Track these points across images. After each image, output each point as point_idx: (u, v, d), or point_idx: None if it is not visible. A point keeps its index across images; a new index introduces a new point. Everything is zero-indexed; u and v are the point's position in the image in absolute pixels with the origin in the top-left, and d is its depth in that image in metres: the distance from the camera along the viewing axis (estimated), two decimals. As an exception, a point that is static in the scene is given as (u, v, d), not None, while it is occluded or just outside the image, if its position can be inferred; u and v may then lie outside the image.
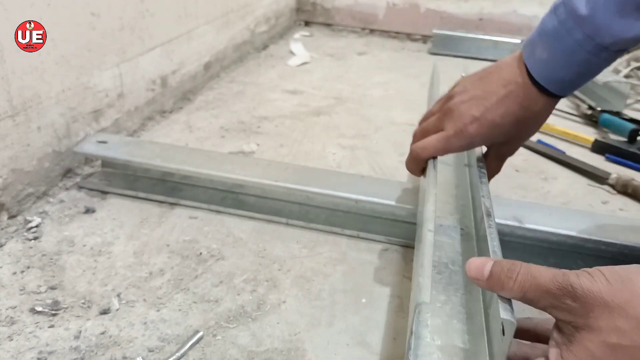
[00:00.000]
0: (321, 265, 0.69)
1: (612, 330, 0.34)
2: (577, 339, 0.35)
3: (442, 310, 0.49)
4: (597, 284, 0.35)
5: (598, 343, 0.34)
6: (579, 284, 0.35)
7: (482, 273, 0.40)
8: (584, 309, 0.35)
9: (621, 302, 0.34)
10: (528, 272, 0.38)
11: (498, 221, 0.64)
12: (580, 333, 0.35)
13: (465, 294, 0.51)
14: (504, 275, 0.39)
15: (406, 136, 1.10)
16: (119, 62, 0.95)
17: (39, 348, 0.54)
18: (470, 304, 0.50)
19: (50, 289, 0.62)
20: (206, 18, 1.27)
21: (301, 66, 1.53)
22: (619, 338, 0.33)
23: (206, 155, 0.82)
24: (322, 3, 1.99)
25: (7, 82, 0.70)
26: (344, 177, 0.81)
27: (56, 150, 0.81)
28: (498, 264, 0.40)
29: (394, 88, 1.39)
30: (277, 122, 1.13)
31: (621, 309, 0.33)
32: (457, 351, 0.45)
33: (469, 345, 0.45)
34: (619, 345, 0.33)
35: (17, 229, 0.72)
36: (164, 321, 0.58)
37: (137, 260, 0.68)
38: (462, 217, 0.66)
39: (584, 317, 0.35)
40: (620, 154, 1.04)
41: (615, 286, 0.34)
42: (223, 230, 0.75)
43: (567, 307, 0.36)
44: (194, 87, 1.27)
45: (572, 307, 0.35)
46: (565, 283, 0.36)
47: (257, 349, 0.55)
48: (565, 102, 1.36)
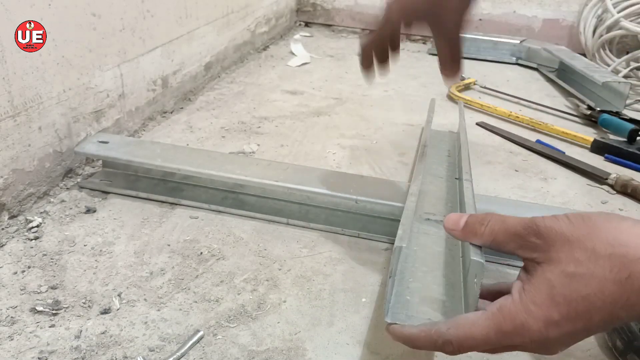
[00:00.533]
0: (321, 264, 0.69)
1: (570, 260, 0.36)
2: (537, 271, 0.38)
3: (424, 278, 0.53)
4: (560, 222, 0.38)
5: (557, 273, 0.36)
6: (542, 223, 0.39)
7: (458, 224, 0.44)
8: (546, 244, 0.38)
9: (579, 236, 0.36)
10: (499, 218, 0.42)
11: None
12: (542, 266, 0.38)
13: (446, 268, 0.55)
14: (478, 223, 0.43)
15: (406, 136, 1.10)
16: (120, 62, 0.95)
17: (40, 348, 0.54)
18: (451, 276, 0.54)
19: (51, 289, 0.62)
20: (207, 19, 1.28)
21: (301, 67, 1.53)
22: (576, 267, 0.36)
23: (207, 156, 0.82)
24: (322, 4, 2.00)
25: (7, 82, 0.70)
26: (344, 177, 0.81)
27: (57, 150, 0.82)
28: (473, 215, 0.44)
29: (394, 88, 1.39)
30: (278, 122, 1.13)
31: (579, 242, 0.36)
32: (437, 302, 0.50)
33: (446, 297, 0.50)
34: (576, 273, 0.36)
35: (18, 229, 0.72)
36: (164, 320, 0.58)
37: (138, 260, 0.68)
38: (449, 213, 0.68)
39: (546, 251, 0.38)
40: (620, 154, 1.05)
41: (575, 224, 0.37)
42: (224, 230, 0.75)
43: (532, 245, 0.39)
44: (195, 88, 1.27)
45: (536, 244, 0.38)
46: (530, 223, 0.39)
47: (257, 349, 0.55)
48: (565, 102, 1.36)
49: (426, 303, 0.48)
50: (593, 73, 1.29)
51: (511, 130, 1.16)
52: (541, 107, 1.31)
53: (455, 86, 1.36)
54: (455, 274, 0.54)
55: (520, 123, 1.20)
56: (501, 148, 1.08)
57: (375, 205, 0.75)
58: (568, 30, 1.79)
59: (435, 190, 0.75)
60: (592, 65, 1.39)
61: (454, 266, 0.56)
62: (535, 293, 0.37)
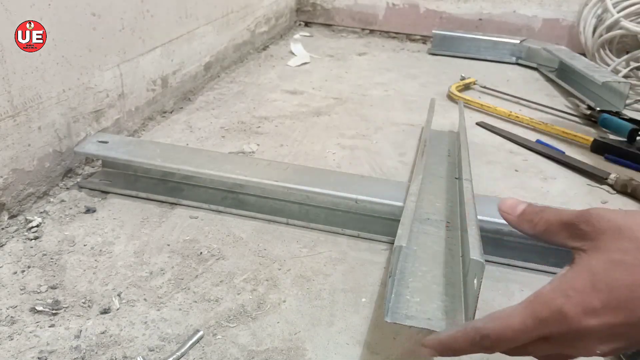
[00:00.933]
0: (321, 264, 0.69)
1: (617, 249, 0.35)
2: (582, 259, 0.36)
3: (424, 278, 0.53)
4: (614, 212, 0.37)
5: (602, 260, 0.35)
6: (595, 211, 0.37)
7: (515, 209, 0.43)
8: (596, 232, 0.36)
9: (632, 225, 0.35)
10: (555, 210, 0.41)
11: (497, 221, 0.65)
12: (587, 253, 0.36)
13: (446, 268, 0.56)
14: (534, 213, 0.42)
15: (406, 136, 1.10)
16: (120, 62, 0.95)
17: (40, 347, 0.54)
18: (450, 275, 0.55)
19: (51, 289, 0.62)
20: (207, 19, 1.28)
21: (301, 66, 1.53)
22: (622, 255, 0.34)
23: (207, 155, 0.82)
24: (322, 4, 1.99)
25: (7, 82, 0.70)
26: (344, 177, 0.81)
27: (57, 150, 0.82)
28: (531, 204, 0.43)
29: (394, 88, 1.39)
30: (277, 122, 1.13)
31: (630, 231, 0.35)
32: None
33: (445, 297, 0.51)
34: (621, 261, 0.34)
35: (17, 229, 0.72)
36: (164, 320, 0.58)
37: (137, 260, 0.68)
38: (449, 213, 0.69)
39: (594, 239, 0.36)
40: (620, 154, 1.05)
41: (628, 214, 0.36)
42: (223, 230, 0.75)
43: (581, 233, 0.37)
44: (195, 88, 1.27)
45: (585, 231, 0.37)
46: (584, 211, 0.38)
47: (257, 348, 0.55)
48: (565, 102, 1.36)
49: (426, 303, 0.48)
50: (593, 73, 1.29)
51: (511, 130, 1.16)
52: (541, 107, 1.31)
53: (455, 86, 1.35)
54: (455, 274, 0.54)
55: (520, 123, 1.20)
56: (501, 148, 1.08)
57: (375, 205, 0.75)
58: (568, 30, 1.79)
59: (435, 190, 0.75)
60: (592, 65, 1.39)
61: (453, 266, 0.56)
62: (576, 279, 0.35)
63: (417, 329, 0.56)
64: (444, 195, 0.74)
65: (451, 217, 0.68)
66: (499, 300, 0.64)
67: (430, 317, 0.46)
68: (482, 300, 0.62)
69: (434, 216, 0.67)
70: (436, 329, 0.46)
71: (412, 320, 0.45)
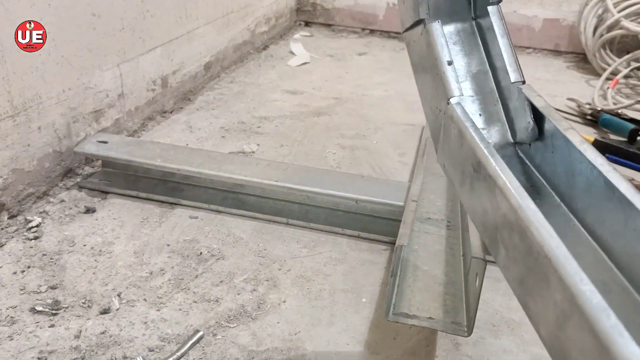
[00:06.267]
0: (321, 265, 0.69)
1: None
2: None
3: (425, 277, 0.54)
4: None
5: None
6: None
7: None
8: None
9: None
10: None
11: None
12: None
13: (447, 267, 0.56)
14: None
15: (406, 136, 1.10)
16: (120, 62, 0.95)
17: (40, 347, 0.54)
18: (452, 274, 0.55)
19: (51, 289, 0.62)
20: (207, 19, 1.28)
21: (301, 66, 1.53)
22: None
23: (207, 156, 0.82)
24: (322, 3, 1.99)
25: (7, 82, 0.70)
26: (344, 177, 0.81)
27: (57, 150, 0.82)
28: None
29: (394, 88, 1.39)
30: (277, 122, 1.13)
31: None
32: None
33: (447, 296, 0.51)
34: None
35: (17, 229, 0.72)
36: (164, 321, 0.58)
37: (137, 260, 0.68)
38: (450, 212, 0.69)
39: None
40: (620, 154, 1.04)
41: None
42: (223, 230, 0.75)
43: None
44: (195, 88, 1.27)
45: None
46: None
47: (257, 349, 0.55)
48: (565, 102, 1.36)
49: (427, 302, 0.48)
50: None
51: (511, 130, 1.16)
52: (541, 107, 1.31)
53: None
54: (456, 273, 0.54)
55: (521, 123, 1.20)
56: (501, 148, 1.08)
57: (376, 205, 0.75)
58: (568, 30, 1.79)
59: (436, 189, 0.75)
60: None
61: (454, 265, 0.56)
62: None
63: (418, 329, 0.56)
64: (444, 195, 0.73)
65: (452, 217, 0.68)
66: (500, 300, 0.64)
67: (431, 315, 0.46)
68: (483, 300, 0.62)
69: (435, 215, 0.67)
70: (437, 328, 0.46)
71: (413, 319, 0.45)
